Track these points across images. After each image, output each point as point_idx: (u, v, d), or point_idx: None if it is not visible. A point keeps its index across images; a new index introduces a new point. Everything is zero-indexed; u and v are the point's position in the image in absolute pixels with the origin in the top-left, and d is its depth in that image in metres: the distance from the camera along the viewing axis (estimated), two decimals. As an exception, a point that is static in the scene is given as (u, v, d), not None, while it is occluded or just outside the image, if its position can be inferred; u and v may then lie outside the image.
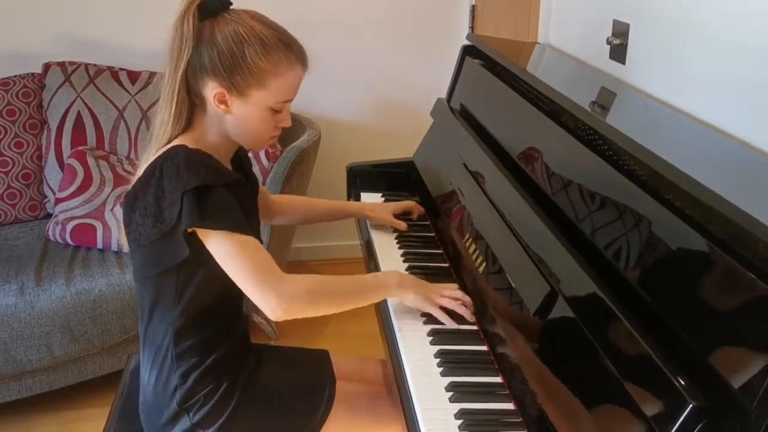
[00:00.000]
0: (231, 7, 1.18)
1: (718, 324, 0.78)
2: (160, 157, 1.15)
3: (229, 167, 1.26)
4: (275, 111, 1.20)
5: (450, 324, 1.25)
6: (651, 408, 0.78)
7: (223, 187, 1.13)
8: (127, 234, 1.19)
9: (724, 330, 0.77)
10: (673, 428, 0.73)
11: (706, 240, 0.84)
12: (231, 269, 1.13)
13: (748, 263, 0.77)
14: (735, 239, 0.80)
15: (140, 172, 1.18)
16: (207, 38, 1.14)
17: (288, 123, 1.24)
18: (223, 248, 1.12)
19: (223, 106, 1.17)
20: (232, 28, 1.13)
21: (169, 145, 1.17)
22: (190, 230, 1.12)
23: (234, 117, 1.18)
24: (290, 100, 1.21)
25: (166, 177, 1.11)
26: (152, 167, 1.14)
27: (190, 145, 1.16)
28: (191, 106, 1.20)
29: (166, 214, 1.11)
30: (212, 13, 1.15)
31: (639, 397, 0.81)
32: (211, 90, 1.16)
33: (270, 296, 1.12)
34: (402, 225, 1.63)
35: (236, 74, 1.14)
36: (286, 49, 1.16)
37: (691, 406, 0.73)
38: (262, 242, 1.32)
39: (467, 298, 1.29)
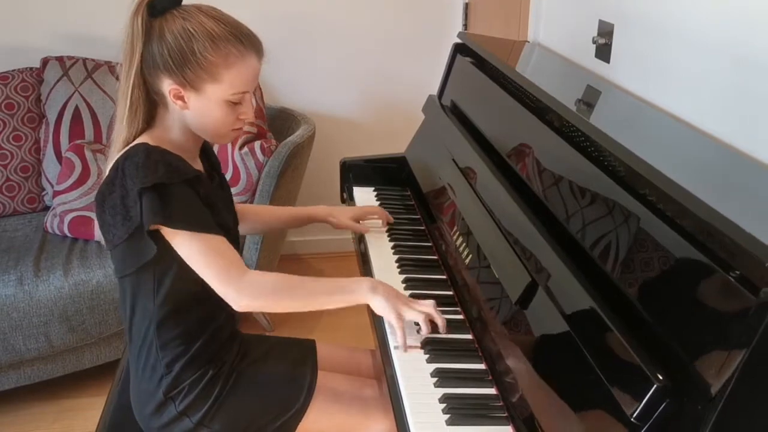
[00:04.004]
0: (182, 3, 1.18)
1: (685, 311, 0.83)
2: (122, 155, 1.16)
3: (198, 162, 1.28)
4: (234, 103, 1.19)
5: (400, 341, 1.19)
6: (619, 388, 0.83)
7: (182, 184, 1.14)
8: (103, 234, 1.21)
9: (690, 317, 0.82)
10: (638, 407, 0.78)
11: (678, 234, 0.88)
12: (195, 266, 1.16)
13: (714, 255, 0.81)
14: (704, 233, 0.84)
15: (106, 171, 1.19)
16: (157, 36, 1.14)
17: (249, 115, 1.23)
18: (187, 247, 1.15)
19: (180, 102, 1.17)
20: (180, 25, 1.14)
21: (132, 143, 1.18)
22: (153, 227, 1.13)
23: (192, 112, 1.19)
24: (248, 92, 1.20)
25: (128, 176, 1.12)
26: (115, 166, 1.16)
27: (152, 143, 1.17)
28: (152, 104, 1.21)
29: (132, 212, 1.12)
30: (161, 10, 1.15)
31: (608, 378, 0.85)
32: (166, 87, 1.16)
33: (230, 291, 1.16)
34: (363, 229, 1.62)
35: (187, 70, 1.14)
36: (236, 40, 1.16)
37: (655, 386, 0.77)
38: (238, 234, 1.35)
39: (440, 319, 1.22)
